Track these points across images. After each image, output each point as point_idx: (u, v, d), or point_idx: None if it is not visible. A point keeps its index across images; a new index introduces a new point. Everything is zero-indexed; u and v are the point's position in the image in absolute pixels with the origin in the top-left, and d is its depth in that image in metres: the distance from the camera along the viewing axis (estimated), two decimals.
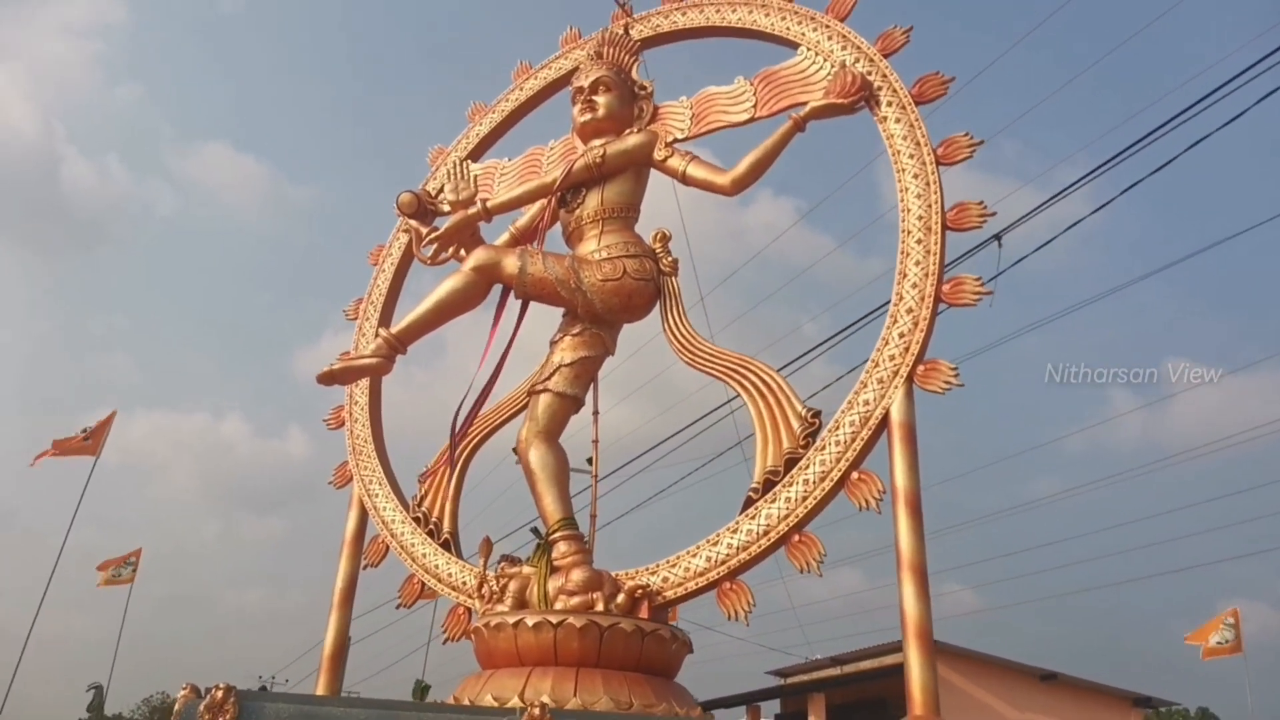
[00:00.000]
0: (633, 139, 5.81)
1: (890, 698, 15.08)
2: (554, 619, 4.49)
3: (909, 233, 5.03)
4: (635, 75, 6.26)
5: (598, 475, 5.69)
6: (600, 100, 5.94)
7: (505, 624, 4.58)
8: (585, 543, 5.17)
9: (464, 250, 5.84)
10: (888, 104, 5.37)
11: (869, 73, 5.44)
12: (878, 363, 4.82)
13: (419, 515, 5.94)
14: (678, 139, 5.86)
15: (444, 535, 5.84)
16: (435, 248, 5.84)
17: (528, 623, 4.51)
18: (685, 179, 5.67)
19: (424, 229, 5.98)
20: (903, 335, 4.82)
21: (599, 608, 4.65)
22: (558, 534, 5.06)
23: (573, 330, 5.52)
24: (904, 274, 4.95)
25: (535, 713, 3.43)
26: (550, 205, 5.87)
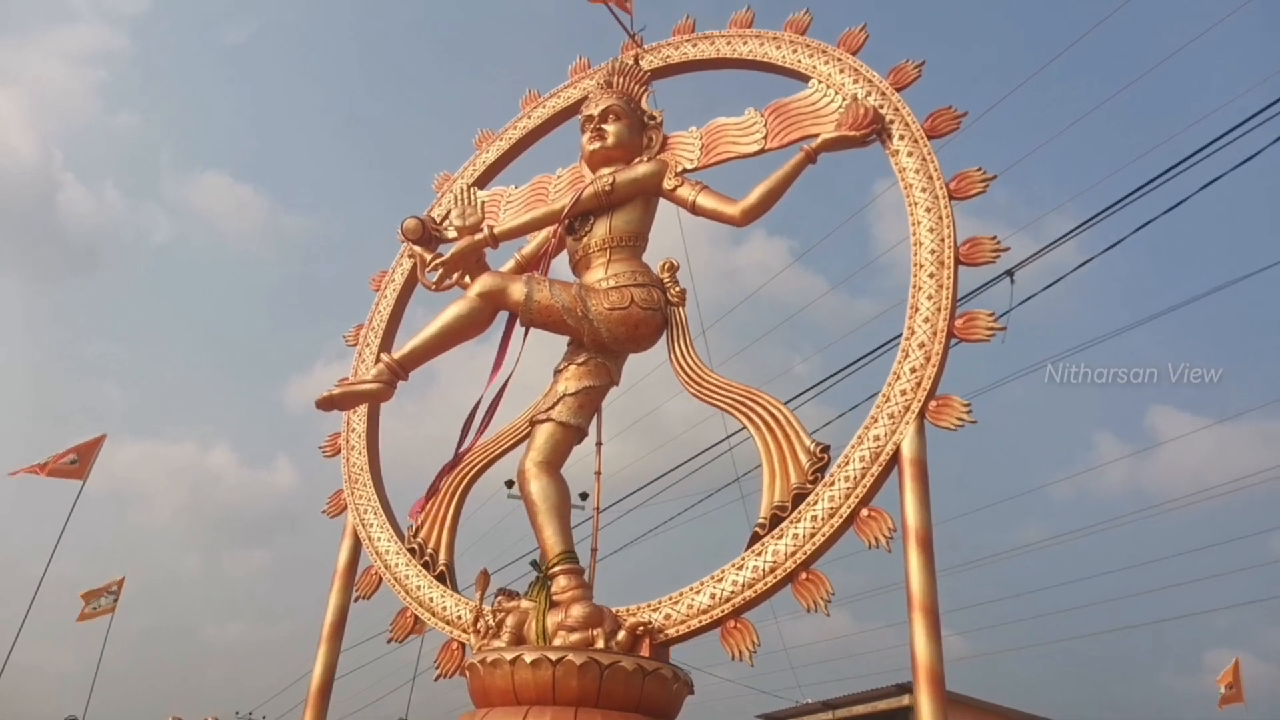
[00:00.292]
0: (642, 168, 5.76)
1: None
2: (553, 656, 4.35)
3: (921, 266, 4.96)
4: (645, 105, 6.22)
5: (599, 508, 5.56)
6: (610, 129, 5.90)
7: (502, 660, 4.43)
8: (585, 577, 5.03)
9: (469, 276, 5.77)
10: (900, 137, 5.33)
11: (881, 106, 5.40)
12: (888, 397, 4.73)
13: (414, 546, 5.80)
14: (687, 169, 5.81)
15: (439, 567, 5.69)
16: (441, 273, 5.76)
17: (526, 659, 4.37)
18: (695, 209, 5.61)
19: (428, 255, 5.92)
20: (914, 370, 4.72)
21: (599, 645, 4.51)
22: (557, 567, 4.92)
23: (578, 359, 5.43)
24: (916, 308, 4.86)
25: None
26: (558, 233, 5.80)
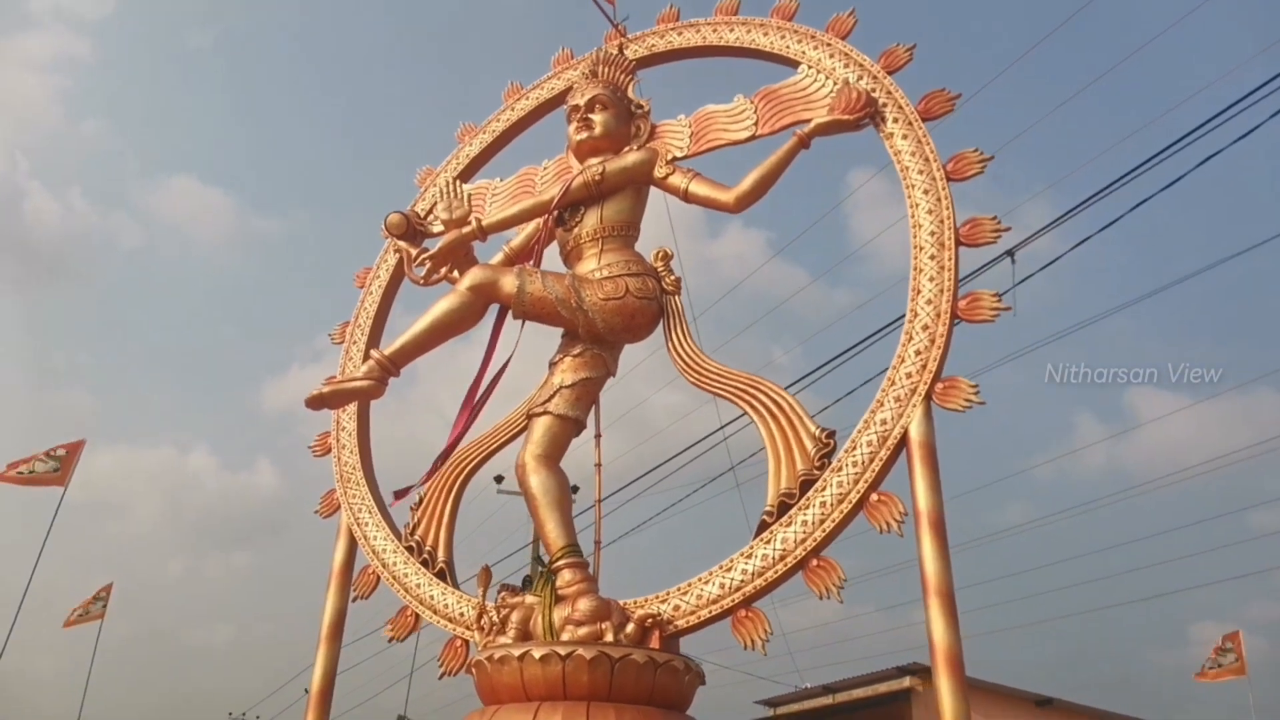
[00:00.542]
0: (632, 156, 5.68)
1: None
2: (562, 651, 4.27)
3: (920, 248, 4.93)
4: (631, 94, 6.15)
5: (601, 499, 5.47)
6: (597, 118, 5.81)
7: (510, 656, 4.35)
8: (590, 570, 4.96)
9: (458, 270, 5.67)
10: (893, 120, 5.29)
11: (873, 90, 5.37)
12: (894, 380, 4.69)
13: (412, 544, 5.69)
14: (676, 157, 5.74)
15: (439, 564, 5.59)
16: (428, 268, 5.66)
17: (534, 655, 4.28)
18: (687, 196, 5.54)
19: (414, 250, 5.81)
20: (919, 352, 4.69)
21: (608, 638, 4.43)
22: (561, 561, 4.84)
23: (573, 351, 5.35)
24: (918, 290, 4.84)
25: None
26: (547, 224, 5.71)
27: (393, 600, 5.65)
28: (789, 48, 5.82)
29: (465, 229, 5.69)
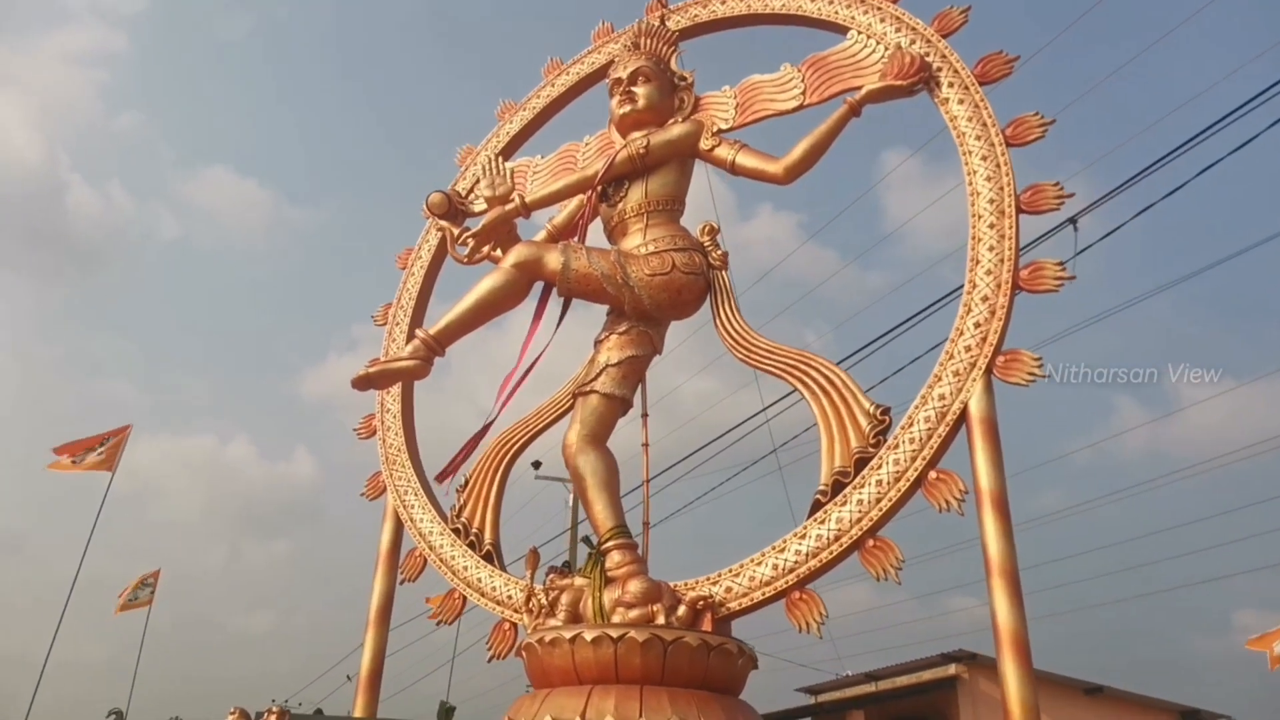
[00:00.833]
0: (678, 129, 5.54)
1: (931, 715, 14.63)
2: (614, 633, 4.17)
3: (979, 217, 4.75)
4: (674, 66, 6.00)
5: (649, 479, 5.37)
6: (640, 91, 5.68)
7: (561, 639, 4.27)
8: (639, 551, 4.86)
9: (500, 248, 5.59)
10: (949, 85, 5.10)
11: (927, 54, 5.17)
12: (952, 354, 4.53)
13: (458, 526, 5.64)
14: (722, 129, 5.59)
15: (485, 547, 5.53)
16: (472, 245, 5.58)
17: (586, 637, 4.20)
18: (734, 168, 5.39)
19: (456, 229, 5.73)
20: (979, 325, 4.52)
21: (659, 620, 4.34)
22: (611, 543, 4.75)
23: (619, 328, 5.24)
24: (977, 260, 4.66)
25: None
26: (591, 199, 5.60)
27: (433, 584, 5.62)
28: (837, 13, 5.63)
29: (508, 206, 5.60)
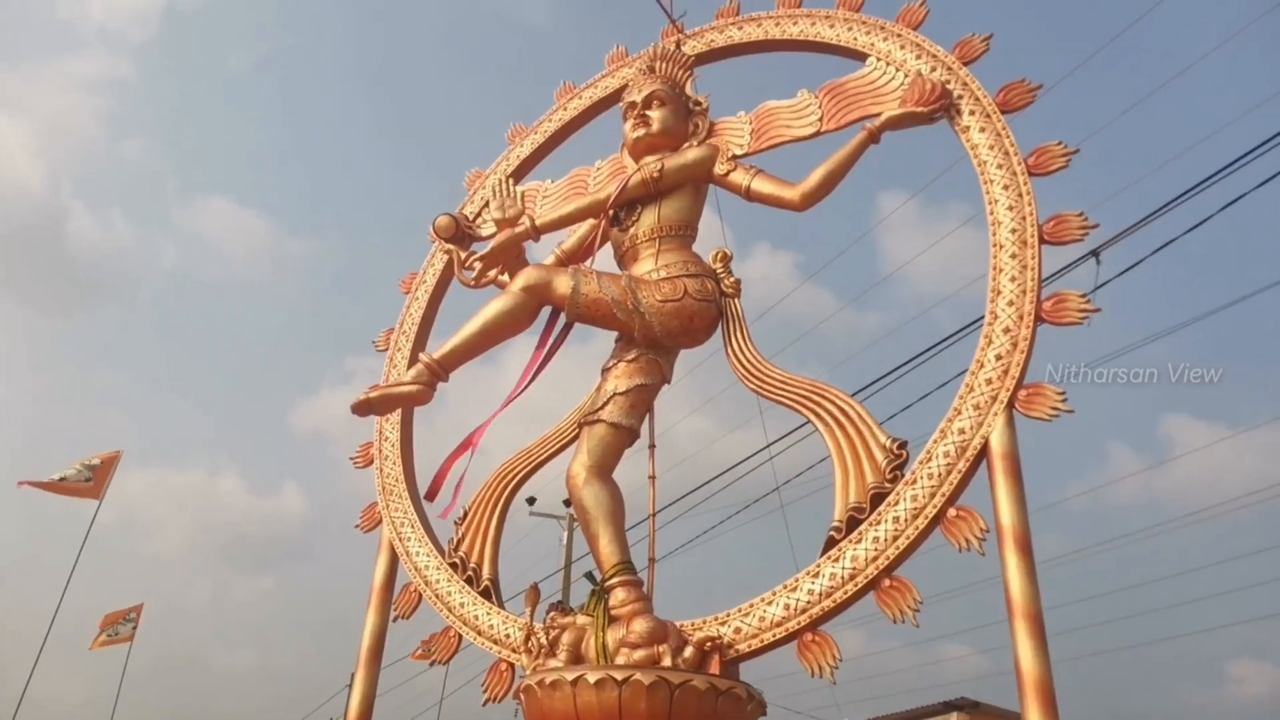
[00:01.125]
0: (692, 153, 5.43)
1: None
2: (618, 675, 3.96)
3: (1001, 247, 4.60)
4: (689, 91, 5.90)
5: (655, 513, 5.19)
6: (654, 114, 5.58)
7: (562, 681, 4.06)
8: (644, 589, 4.66)
9: (508, 273, 5.46)
10: (970, 113, 4.98)
11: (948, 81, 5.06)
12: (972, 387, 4.36)
13: (455, 560, 5.43)
14: (736, 155, 5.48)
15: (483, 582, 5.32)
16: (479, 269, 5.44)
17: (589, 679, 3.99)
18: (749, 194, 5.26)
19: (463, 252, 5.61)
20: (1000, 357, 4.35)
21: (665, 662, 4.13)
22: (615, 579, 4.55)
23: (627, 356, 5.08)
24: (998, 291, 4.50)
25: None
26: (603, 223, 5.47)
27: (425, 622, 5.40)
28: (856, 39, 5.54)
29: (518, 228, 5.47)
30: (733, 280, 5.21)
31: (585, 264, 5.40)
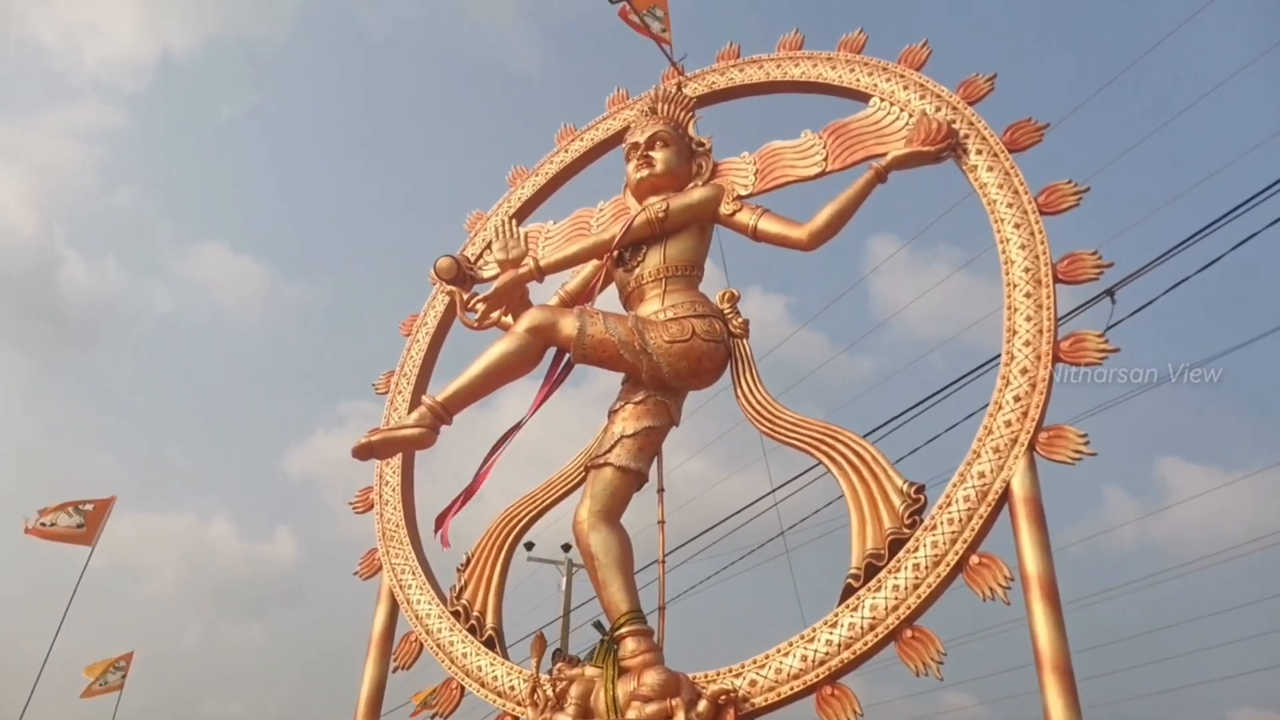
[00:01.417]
0: (698, 193, 5.38)
1: None
2: None
3: (1015, 286, 4.54)
4: (692, 131, 5.87)
5: (664, 557, 5.04)
6: (658, 155, 5.53)
7: None
8: (655, 638, 4.52)
9: (511, 314, 5.38)
10: (976, 151, 4.95)
11: (953, 121, 5.03)
12: (991, 429, 4.26)
13: (459, 609, 5.27)
14: (740, 195, 5.43)
15: (486, 632, 5.16)
16: (482, 310, 5.35)
17: None
18: (756, 234, 5.21)
19: (465, 294, 5.53)
20: (1018, 399, 4.27)
21: (679, 717, 3.98)
22: (625, 629, 4.41)
23: (634, 398, 4.98)
24: (1014, 331, 4.43)
25: None
26: (607, 264, 5.40)
27: (426, 673, 5.24)
28: (859, 81, 5.52)
29: (522, 269, 5.40)
30: (741, 320, 5.13)
31: (589, 305, 5.31)
